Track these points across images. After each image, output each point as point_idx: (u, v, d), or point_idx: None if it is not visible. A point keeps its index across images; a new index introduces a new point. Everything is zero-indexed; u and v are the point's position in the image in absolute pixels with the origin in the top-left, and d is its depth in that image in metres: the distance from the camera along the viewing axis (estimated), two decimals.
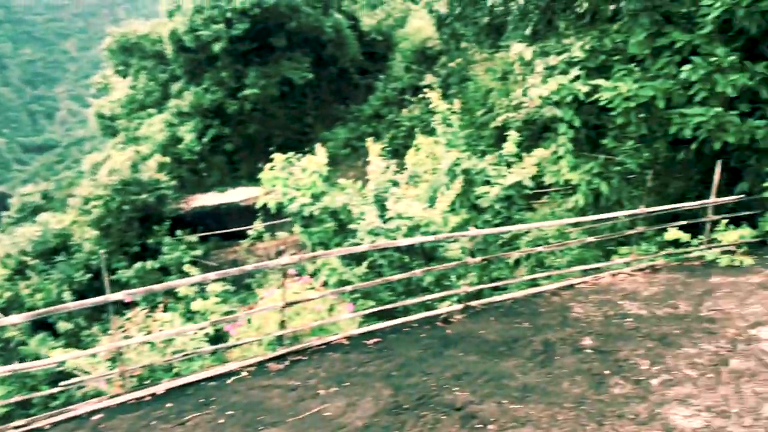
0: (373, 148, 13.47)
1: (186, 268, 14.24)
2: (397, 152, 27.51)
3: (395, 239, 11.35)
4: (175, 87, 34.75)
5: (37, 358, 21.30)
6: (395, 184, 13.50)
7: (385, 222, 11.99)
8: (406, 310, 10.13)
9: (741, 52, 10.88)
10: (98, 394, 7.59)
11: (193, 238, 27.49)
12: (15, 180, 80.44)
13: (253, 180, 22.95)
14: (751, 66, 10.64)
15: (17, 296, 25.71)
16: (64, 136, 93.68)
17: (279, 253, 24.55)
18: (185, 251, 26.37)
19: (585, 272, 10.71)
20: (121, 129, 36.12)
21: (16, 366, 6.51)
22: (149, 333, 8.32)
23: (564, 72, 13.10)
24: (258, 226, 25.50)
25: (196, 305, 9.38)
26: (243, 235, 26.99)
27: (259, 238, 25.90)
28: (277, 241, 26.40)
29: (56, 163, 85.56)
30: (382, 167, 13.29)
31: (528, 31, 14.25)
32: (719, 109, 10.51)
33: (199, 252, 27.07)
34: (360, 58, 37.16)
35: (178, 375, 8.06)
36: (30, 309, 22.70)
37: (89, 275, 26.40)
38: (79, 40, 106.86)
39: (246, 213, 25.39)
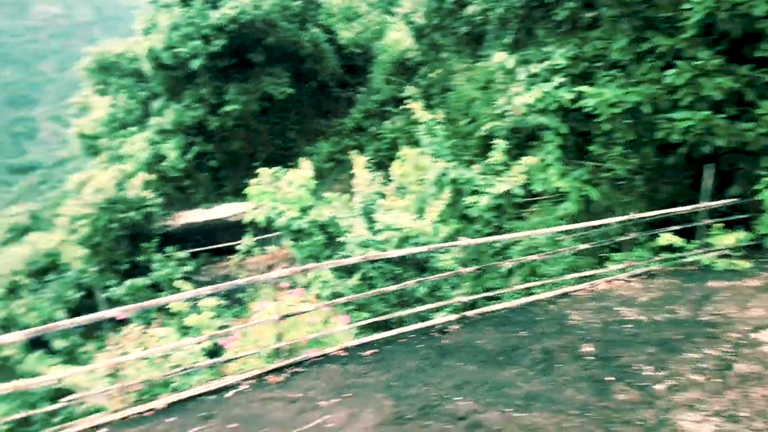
0: (358, 160, 13.41)
1: (178, 283, 14.11)
2: (381, 164, 27.40)
3: (386, 251, 11.27)
4: (155, 105, 34.45)
5: (35, 375, 21.11)
6: (382, 195, 13.44)
7: (374, 234, 11.92)
8: (401, 321, 10.03)
9: (725, 54, 10.90)
10: (99, 409, 7.49)
11: (183, 254, 27.31)
12: (1, 201, 79.37)
13: (238, 195, 22.81)
14: (735, 68, 10.66)
15: (11, 315, 25.82)
16: (47, 157, 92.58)
17: (270, 267, 24.41)
18: (176, 267, 26.15)
19: (580, 280, 10.65)
20: (103, 148, 35.74)
21: (16, 383, 6.34)
22: (146, 349, 8.19)
23: (546, 80, 13.12)
24: (247, 240, 25.41)
25: (190, 320, 9.25)
26: (233, 251, 26.86)
27: (249, 252, 25.78)
28: (268, 255, 26.25)
29: (40, 183, 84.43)
30: (368, 179, 13.23)
31: (508, 40, 14.23)
32: (707, 112, 10.50)
33: (189, 268, 26.85)
34: (339, 72, 37.09)
35: (176, 390, 7.94)
36: (24, 328, 22.53)
37: (81, 293, 26.35)
38: (57, 61, 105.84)
39: (235, 228, 25.23)
